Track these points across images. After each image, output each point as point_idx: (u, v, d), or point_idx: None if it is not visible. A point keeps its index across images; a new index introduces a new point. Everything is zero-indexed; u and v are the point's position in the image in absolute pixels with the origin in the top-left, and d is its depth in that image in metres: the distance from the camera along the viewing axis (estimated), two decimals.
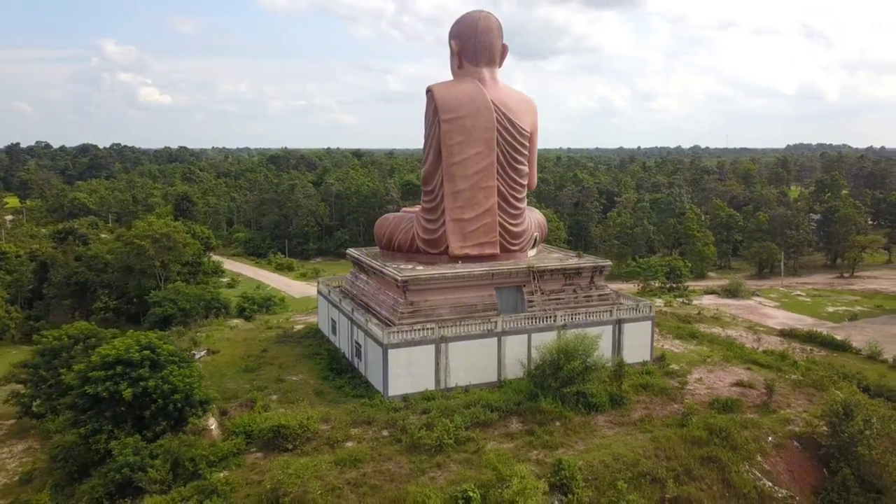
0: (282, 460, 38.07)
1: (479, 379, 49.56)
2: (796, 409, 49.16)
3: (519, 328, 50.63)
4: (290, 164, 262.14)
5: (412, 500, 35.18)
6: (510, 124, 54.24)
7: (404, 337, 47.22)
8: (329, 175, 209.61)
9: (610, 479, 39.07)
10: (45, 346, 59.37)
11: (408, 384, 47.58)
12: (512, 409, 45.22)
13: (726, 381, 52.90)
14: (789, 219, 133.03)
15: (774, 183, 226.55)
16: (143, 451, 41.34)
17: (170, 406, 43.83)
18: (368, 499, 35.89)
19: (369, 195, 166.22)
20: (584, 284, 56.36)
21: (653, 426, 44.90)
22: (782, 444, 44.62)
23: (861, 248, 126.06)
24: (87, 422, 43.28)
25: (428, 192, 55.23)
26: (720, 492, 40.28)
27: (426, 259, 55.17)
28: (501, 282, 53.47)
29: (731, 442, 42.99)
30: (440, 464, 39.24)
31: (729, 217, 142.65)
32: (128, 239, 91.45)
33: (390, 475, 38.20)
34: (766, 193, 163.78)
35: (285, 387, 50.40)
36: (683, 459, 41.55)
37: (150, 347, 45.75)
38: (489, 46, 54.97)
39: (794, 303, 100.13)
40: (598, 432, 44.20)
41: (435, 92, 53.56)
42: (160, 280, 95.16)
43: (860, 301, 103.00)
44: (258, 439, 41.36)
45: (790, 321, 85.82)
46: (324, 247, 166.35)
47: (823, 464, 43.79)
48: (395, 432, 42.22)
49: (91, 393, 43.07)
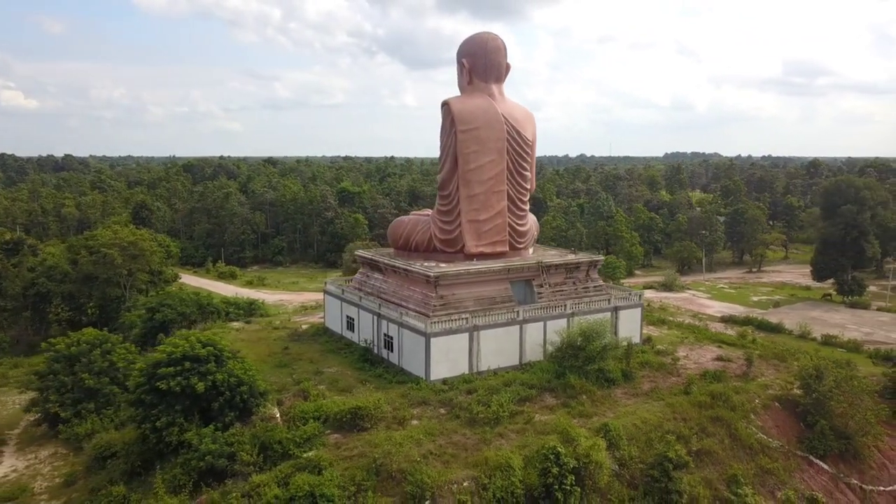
0: (380, 436, 42.20)
1: (504, 362, 55.23)
2: (769, 376, 58.03)
3: (537, 316, 56.77)
4: (205, 173, 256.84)
5: (496, 462, 40.32)
6: (517, 135, 60.42)
7: (444, 327, 52.22)
8: (253, 183, 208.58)
9: (645, 438, 45.90)
10: (59, 353, 59.70)
11: (446, 369, 52.57)
12: (545, 386, 51.25)
13: (708, 357, 61.28)
14: (703, 221, 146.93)
15: (673, 188, 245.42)
16: (219, 439, 44.23)
17: (236, 398, 46.78)
18: (458, 463, 40.73)
19: (306, 202, 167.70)
20: (581, 277, 63.29)
21: (662, 395, 52.22)
22: (767, 405, 53.10)
23: (767, 244, 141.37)
24: (158, 416, 45.33)
25: (444, 196, 60.39)
26: (730, 444, 47.98)
27: (443, 258, 60.28)
28: (515, 276, 59.44)
29: (730, 404, 50.98)
30: (501, 433, 44.62)
31: (650, 219, 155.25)
32: (94, 248, 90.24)
33: (462, 445, 43.19)
34: (678, 198, 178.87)
35: (327, 378, 54.00)
36: (696, 420, 48.99)
37: (211, 344, 48.43)
38: (497, 65, 60.99)
39: (723, 294, 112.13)
40: (619, 402, 50.98)
41: (452, 105, 58.90)
42: (125, 289, 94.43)
43: (774, 291, 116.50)
44: (333, 422, 45.07)
45: (725, 309, 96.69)
46: (260, 255, 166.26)
47: (801, 419, 52.49)
48: (454, 410, 47.17)
49: (163, 388, 45.19)
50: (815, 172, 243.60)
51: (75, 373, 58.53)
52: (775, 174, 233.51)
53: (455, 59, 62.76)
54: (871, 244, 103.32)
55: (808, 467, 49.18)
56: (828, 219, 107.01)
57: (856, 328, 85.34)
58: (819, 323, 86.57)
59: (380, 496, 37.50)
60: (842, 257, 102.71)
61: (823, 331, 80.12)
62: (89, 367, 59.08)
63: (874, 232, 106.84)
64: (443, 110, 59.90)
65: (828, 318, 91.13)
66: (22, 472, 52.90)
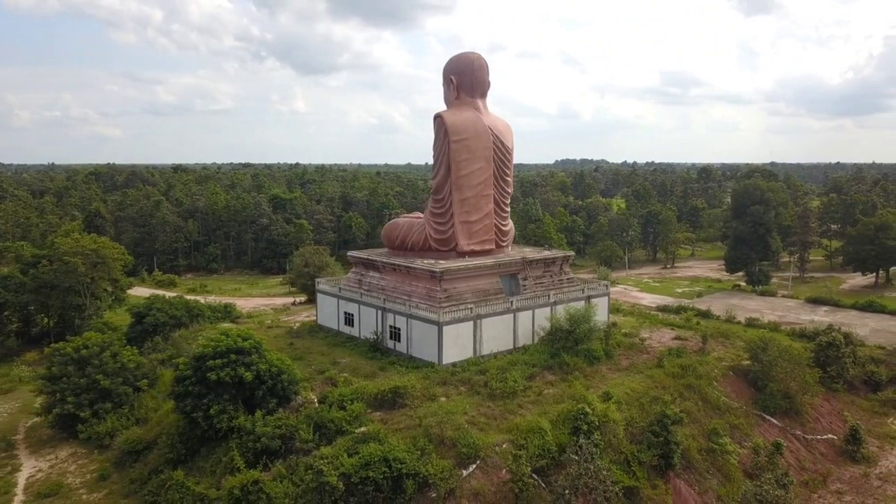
0: (421, 410, 47.80)
1: (501, 347, 62.02)
2: (720, 351, 67.84)
3: (526, 305, 63.97)
4: (117, 181, 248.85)
5: (528, 426, 46.95)
6: (501, 144, 67.50)
7: (453, 316, 58.40)
8: (175, 191, 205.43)
9: (637, 403, 53.92)
10: (68, 356, 61.22)
11: (455, 353, 58.74)
12: (544, 365, 58.43)
13: (667, 338, 70.56)
14: (622, 222, 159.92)
15: (579, 194, 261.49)
16: (270, 423, 48.46)
17: (277, 385, 51.02)
18: (492, 429, 47.05)
19: (239, 209, 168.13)
20: (556, 270, 71.12)
21: (640, 369, 60.61)
22: (724, 374, 62.64)
23: (680, 243, 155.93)
24: (208, 405, 48.89)
25: (438, 199, 66.55)
26: (703, 406, 56.90)
27: (438, 255, 66.40)
28: (504, 271, 66.43)
29: (696, 374, 60.02)
30: (520, 404, 51.34)
31: (572, 222, 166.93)
32: (56, 256, 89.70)
33: (491, 415, 49.58)
34: (593, 201, 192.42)
35: (346, 367, 58.85)
36: (674, 387, 57.59)
37: (250, 337, 52.38)
38: (482, 82, 67.90)
39: (650, 287, 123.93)
40: (606, 376, 58.89)
41: (445, 118, 65.21)
42: (85, 297, 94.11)
43: (692, 284, 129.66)
44: (372, 402, 50.25)
45: (657, 300, 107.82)
46: (194, 263, 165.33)
47: (752, 384, 62.34)
48: (474, 387, 53.44)
49: (213, 379, 48.83)
50: (707, 177, 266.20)
51: (88, 375, 60.31)
52: (675, 179, 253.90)
53: (442, 75, 69.31)
54: (775, 239, 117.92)
55: (762, 423, 58.90)
56: (738, 218, 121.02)
57: (770, 312, 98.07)
58: (739, 309, 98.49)
59: (438, 458, 43.22)
60: (751, 252, 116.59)
61: (745, 315, 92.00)
62: (101, 368, 61.00)
63: (776, 229, 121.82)
64: (435, 122, 66.08)
65: (745, 305, 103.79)
66: (48, 472, 54.52)
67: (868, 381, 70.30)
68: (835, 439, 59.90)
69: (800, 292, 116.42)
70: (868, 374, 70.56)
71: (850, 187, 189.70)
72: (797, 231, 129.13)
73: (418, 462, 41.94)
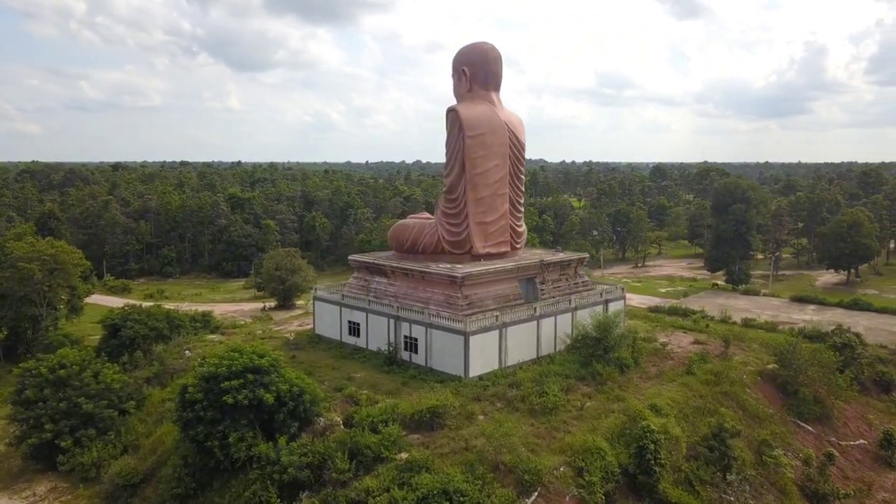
0: (465, 431, 43.38)
1: (525, 356, 58.05)
2: (741, 356, 65.61)
3: (549, 312, 60.19)
4: (53, 181, 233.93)
5: (583, 446, 43.13)
6: (517, 140, 63.53)
7: (480, 325, 54.09)
8: (119, 190, 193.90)
9: (680, 412, 50.82)
10: (42, 377, 54.24)
11: (481, 365, 54.45)
12: (577, 375, 54.71)
13: (685, 342, 67.95)
14: (593, 221, 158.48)
15: (542, 192, 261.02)
16: (295, 450, 43.17)
17: (299, 407, 45.70)
18: (543, 450, 42.99)
19: (195, 209, 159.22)
20: (571, 273, 67.61)
21: (671, 377, 57.63)
22: (753, 380, 60.30)
23: (651, 242, 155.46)
24: (224, 431, 43.24)
25: (452, 199, 62.07)
26: (743, 415, 54.26)
27: (451, 259, 61.92)
28: (523, 274, 62.48)
29: (730, 380, 57.44)
30: (564, 421, 47.46)
31: (542, 221, 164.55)
32: (10, 262, 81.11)
33: (537, 434, 45.52)
34: (562, 201, 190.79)
35: (364, 383, 53.73)
36: (711, 396, 54.81)
37: (265, 354, 46.87)
38: (496, 74, 63.71)
39: (631, 287, 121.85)
40: (640, 385, 55.65)
41: (459, 112, 60.76)
42: (41, 307, 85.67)
43: (670, 283, 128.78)
44: (408, 423, 45.46)
45: (645, 301, 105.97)
46: (147, 266, 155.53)
47: (780, 389, 60.22)
48: (513, 402, 49.27)
49: (230, 403, 43.21)
50: (661, 176, 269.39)
51: (67, 398, 53.48)
52: (632, 178, 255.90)
53: (452, 67, 64.64)
54: (755, 238, 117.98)
55: (798, 430, 56.74)
56: (718, 216, 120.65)
57: (760, 311, 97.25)
58: (729, 309, 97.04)
59: (498, 486, 38.92)
60: (732, 250, 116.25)
61: (737, 315, 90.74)
62: (82, 390, 54.24)
63: (756, 227, 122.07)
64: (449, 116, 61.59)
65: (733, 304, 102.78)
66: None
67: (879, 381, 69.33)
68: (866, 444, 58.32)
69: (778, 290, 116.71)
70: (878, 374, 69.60)
71: (816, 186, 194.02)
72: (771, 229, 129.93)
73: (480, 493, 37.57)
